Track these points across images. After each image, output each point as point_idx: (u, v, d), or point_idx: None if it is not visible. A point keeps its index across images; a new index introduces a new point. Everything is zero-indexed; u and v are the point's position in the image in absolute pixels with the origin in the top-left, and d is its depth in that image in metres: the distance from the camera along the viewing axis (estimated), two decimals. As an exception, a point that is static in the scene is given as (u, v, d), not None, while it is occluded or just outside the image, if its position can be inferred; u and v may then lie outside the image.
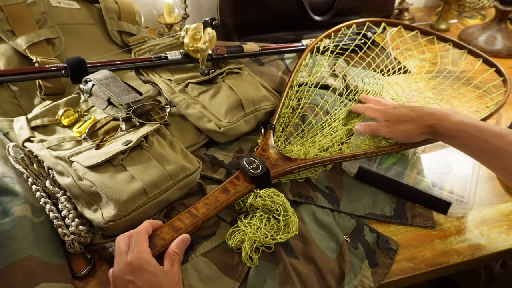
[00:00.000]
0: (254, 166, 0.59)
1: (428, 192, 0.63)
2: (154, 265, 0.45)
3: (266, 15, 1.01)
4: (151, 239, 0.49)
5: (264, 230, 0.54)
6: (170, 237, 0.50)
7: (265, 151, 0.64)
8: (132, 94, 0.64)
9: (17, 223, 0.49)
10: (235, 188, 0.57)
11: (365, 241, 0.59)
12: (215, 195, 0.56)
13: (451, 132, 0.59)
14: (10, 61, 0.71)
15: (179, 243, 0.49)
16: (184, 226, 0.52)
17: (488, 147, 0.56)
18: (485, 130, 0.56)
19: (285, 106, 0.76)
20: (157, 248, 0.49)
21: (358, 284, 0.53)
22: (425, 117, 0.62)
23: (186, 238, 0.51)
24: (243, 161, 0.59)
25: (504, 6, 1.07)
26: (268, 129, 0.69)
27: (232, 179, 0.58)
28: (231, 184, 0.58)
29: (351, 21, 0.93)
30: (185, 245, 0.50)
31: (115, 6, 0.85)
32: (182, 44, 0.79)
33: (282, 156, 0.63)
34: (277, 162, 0.62)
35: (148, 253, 0.46)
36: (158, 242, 0.49)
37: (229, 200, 0.56)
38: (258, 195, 0.57)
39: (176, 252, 0.48)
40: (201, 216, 0.53)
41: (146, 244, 0.47)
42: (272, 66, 0.92)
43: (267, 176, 0.59)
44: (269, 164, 0.61)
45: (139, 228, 0.49)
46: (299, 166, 0.62)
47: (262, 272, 0.53)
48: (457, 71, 0.91)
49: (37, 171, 0.58)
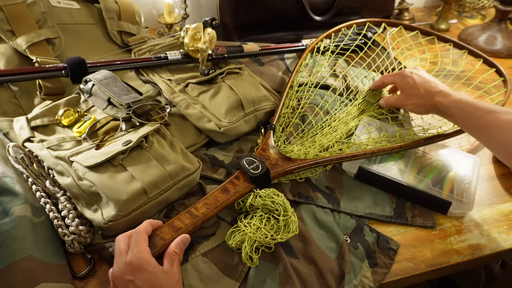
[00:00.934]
0: (254, 166, 0.59)
1: (428, 192, 0.63)
2: (153, 265, 0.45)
3: (266, 15, 1.01)
4: (150, 239, 0.49)
5: (264, 230, 0.54)
6: (170, 237, 0.50)
7: (265, 151, 0.64)
8: (132, 94, 0.64)
9: (17, 223, 0.49)
10: (235, 188, 0.57)
11: (365, 241, 0.59)
12: (215, 195, 0.56)
13: (450, 109, 0.65)
14: (10, 61, 0.71)
15: (178, 243, 0.49)
16: (184, 226, 0.52)
17: (480, 122, 0.61)
18: (479, 107, 0.62)
19: (285, 106, 0.76)
20: (156, 248, 0.49)
21: (358, 284, 0.53)
22: (431, 95, 0.68)
23: (186, 238, 0.51)
24: (243, 161, 0.59)
25: (504, 6, 1.07)
26: (268, 129, 0.69)
27: (232, 179, 0.58)
28: (231, 184, 0.58)
29: (352, 22, 0.93)
30: (185, 245, 0.50)
31: (115, 6, 0.85)
32: (182, 44, 0.78)
33: (282, 156, 0.63)
34: (277, 162, 0.62)
35: (148, 252, 0.46)
36: (158, 242, 0.49)
37: (229, 200, 0.56)
38: (258, 195, 0.57)
39: (176, 252, 0.48)
40: (201, 216, 0.53)
41: (146, 244, 0.47)
42: (272, 66, 0.92)
43: (267, 176, 0.59)
44: (269, 164, 0.61)
45: (139, 228, 0.49)
46: (299, 166, 0.62)
47: (262, 272, 0.53)
48: (457, 71, 0.91)
49: (37, 171, 0.58)
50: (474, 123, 0.62)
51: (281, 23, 1.04)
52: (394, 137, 0.72)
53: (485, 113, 0.61)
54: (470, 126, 0.63)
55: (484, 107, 0.61)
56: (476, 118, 0.61)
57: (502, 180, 0.72)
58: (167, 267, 0.46)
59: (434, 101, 0.67)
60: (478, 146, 0.79)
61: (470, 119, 0.62)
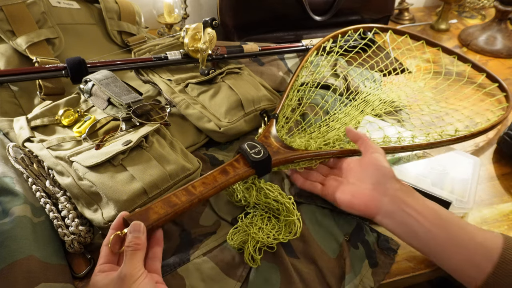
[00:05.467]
0: (256, 150, 0.57)
1: (428, 191, 0.63)
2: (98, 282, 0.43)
3: (266, 15, 1.01)
4: (144, 213, 0.47)
5: (266, 230, 0.54)
6: (165, 212, 0.49)
7: (267, 139, 0.62)
8: (132, 94, 0.64)
9: (17, 223, 0.49)
10: (234, 170, 0.55)
11: (365, 241, 0.59)
12: (213, 175, 0.54)
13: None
14: (10, 61, 0.71)
15: (135, 232, 0.45)
16: (180, 202, 0.50)
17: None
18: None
19: (288, 99, 0.75)
20: (150, 222, 0.47)
21: (359, 284, 0.53)
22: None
23: (137, 224, 0.45)
24: (245, 145, 0.58)
25: (504, 6, 1.07)
26: (271, 118, 0.67)
27: (232, 161, 0.57)
28: (231, 166, 0.56)
29: (359, 25, 0.93)
30: (143, 233, 0.45)
31: (115, 6, 0.85)
32: (182, 44, 0.78)
33: (284, 145, 0.62)
34: (279, 150, 0.60)
35: (94, 274, 0.43)
36: (152, 216, 0.48)
37: (227, 182, 0.54)
38: (262, 191, 0.57)
39: (132, 244, 0.44)
40: (198, 194, 0.52)
41: (100, 262, 0.45)
42: (272, 66, 0.92)
43: (268, 162, 0.57)
44: (271, 151, 0.59)
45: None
46: (301, 156, 0.60)
47: (263, 272, 0.53)
48: (458, 79, 0.91)
49: (37, 171, 0.58)
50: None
51: (281, 23, 1.04)
52: (396, 138, 0.71)
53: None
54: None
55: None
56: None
57: (502, 180, 0.72)
58: (126, 268, 0.42)
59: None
60: (479, 146, 0.79)
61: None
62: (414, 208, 0.51)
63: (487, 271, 0.47)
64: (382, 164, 0.54)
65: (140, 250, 0.44)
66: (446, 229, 0.50)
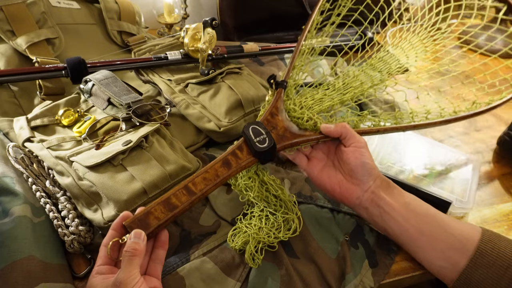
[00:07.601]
0: (260, 138, 0.54)
1: (428, 191, 0.63)
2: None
3: (266, 15, 1.01)
4: (143, 218, 0.47)
5: (266, 229, 0.54)
6: (165, 216, 0.48)
7: (273, 117, 0.58)
8: (132, 94, 0.64)
9: (17, 223, 0.49)
10: (237, 162, 0.53)
11: (365, 241, 0.59)
12: (215, 169, 0.52)
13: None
14: (10, 61, 0.71)
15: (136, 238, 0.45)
16: (180, 204, 0.49)
17: None
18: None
19: (300, 53, 0.67)
20: (150, 229, 0.47)
21: (359, 284, 0.53)
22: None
23: (138, 232, 0.45)
24: (249, 131, 0.54)
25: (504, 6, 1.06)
26: (280, 88, 0.60)
27: (235, 150, 0.54)
28: (233, 156, 0.54)
29: None
30: (143, 240, 0.45)
31: (115, 6, 0.85)
32: (182, 44, 0.79)
33: (290, 126, 0.58)
34: (285, 133, 0.57)
35: (92, 276, 0.44)
36: (152, 222, 0.47)
37: (229, 175, 0.53)
38: (264, 186, 0.56)
39: (131, 249, 0.44)
40: (199, 193, 0.51)
41: (98, 263, 0.45)
42: (272, 66, 0.92)
43: (272, 151, 0.55)
44: (276, 135, 0.56)
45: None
46: (307, 139, 0.58)
47: (263, 272, 0.53)
48: (459, 70, 0.89)
49: (37, 171, 0.58)
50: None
51: (281, 23, 1.04)
52: (407, 114, 0.65)
53: None
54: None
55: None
56: None
57: (502, 180, 0.72)
58: (123, 273, 0.42)
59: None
60: (479, 146, 0.79)
61: None
62: (388, 203, 0.53)
63: (462, 264, 0.47)
64: (367, 161, 0.55)
65: (138, 256, 0.44)
66: (418, 223, 0.51)
